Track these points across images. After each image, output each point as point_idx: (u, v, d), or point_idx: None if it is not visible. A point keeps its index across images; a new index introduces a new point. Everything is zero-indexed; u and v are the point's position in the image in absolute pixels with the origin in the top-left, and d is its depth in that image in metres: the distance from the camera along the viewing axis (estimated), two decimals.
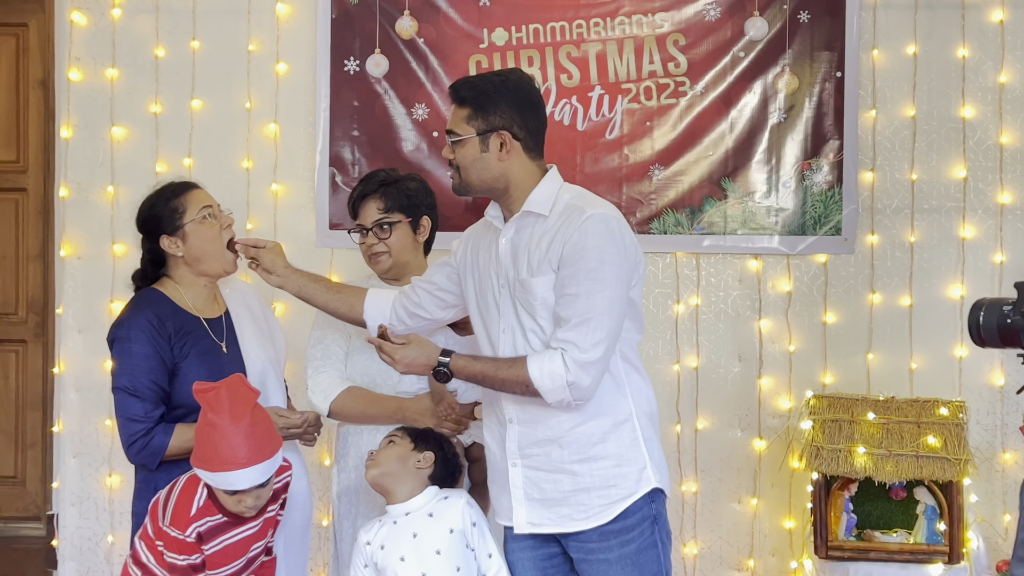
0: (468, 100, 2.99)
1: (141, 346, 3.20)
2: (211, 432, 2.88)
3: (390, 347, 3.03)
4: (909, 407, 4.04)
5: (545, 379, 2.87)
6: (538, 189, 3.01)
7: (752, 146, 4.61)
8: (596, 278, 2.87)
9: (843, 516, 4.02)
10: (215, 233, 3.31)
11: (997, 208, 4.55)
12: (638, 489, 2.98)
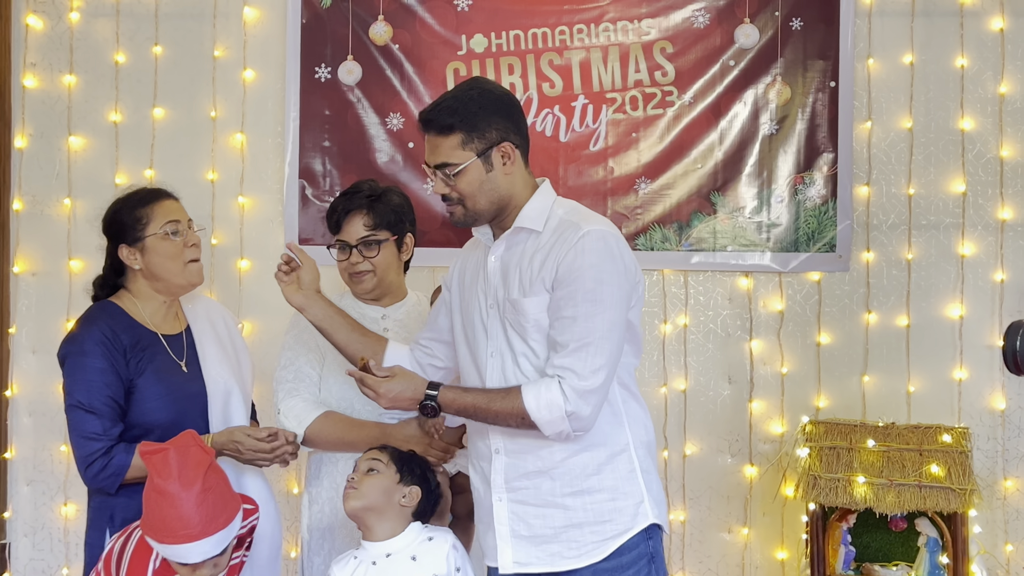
0: (456, 125, 2.75)
1: (96, 360, 2.98)
2: (159, 500, 2.63)
3: (373, 380, 2.81)
4: (910, 434, 3.84)
5: (543, 410, 2.68)
6: (531, 203, 2.82)
7: (742, 159, 4.41)
8: (594, 299, 2.68)
9: (841, 549, 3.82)
10: (176, 251, 3.09)
11: (998, 224, 4.37)
12: (634, 524, 2.78)
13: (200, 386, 3.14)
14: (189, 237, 3.12)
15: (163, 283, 3.12)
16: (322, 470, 3.26)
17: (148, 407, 3.02)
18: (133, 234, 3.08)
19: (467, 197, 2.79)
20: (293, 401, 3.20)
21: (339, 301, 3.30)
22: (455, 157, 2.76)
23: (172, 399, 3.05)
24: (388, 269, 3.32)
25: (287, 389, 3.24)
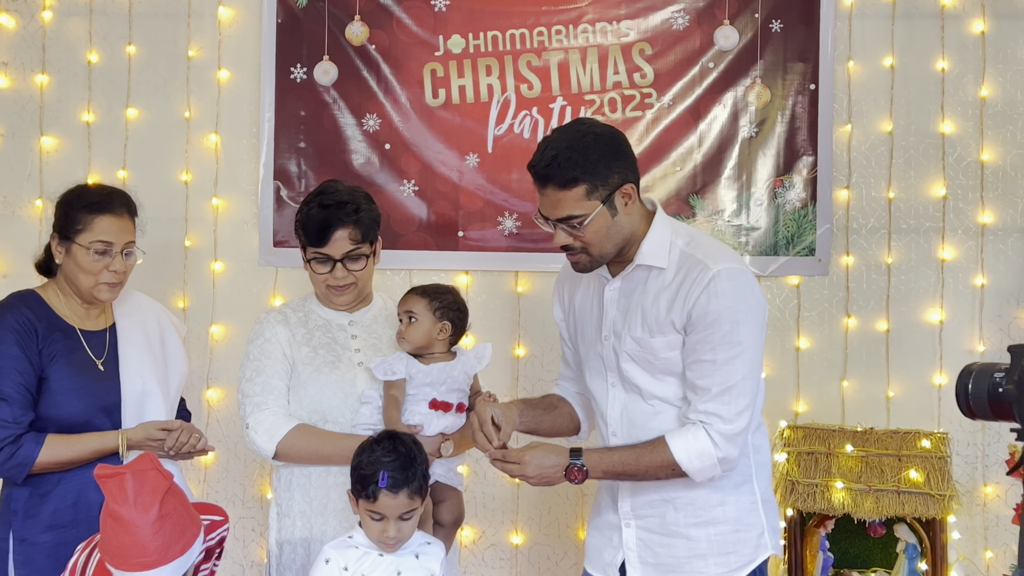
0: (580, 178, 2.68)
1: (9, 348, 2.97)
2: (114, 525, 2.56)
3: (515, 455, 2.78)
4: (889, 439, 3.80)
5: (694, 460, 2.72)
6: (650, 238, 2.79)
7: (722, 162, 4.38)
8: (732, 342, 2.68)
9: (819, 555, 3.78)
10: (94, 269, 3.05)
11: (978, 228, 4.34)
12: (756, 556, 2.87)
13: (115, 385, 3.10)
14: (113, 263, 3.05)
15: (72, 287, 3.09)
16: (293, 485, 3.16)
17: (57, 401, 3.00)
18: (66, 232, 3.07)
19: (593, 245, 2.75)
20: (262, 415, 3.09)
21: (302, 306, 3.27)
22: (581, 208, 2.70)
23: (81, 395, 3.02)
24: (368, 280, 3.27)
25: (255, 403, 3.12)
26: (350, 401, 3.12)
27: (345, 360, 3.18)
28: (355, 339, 3.23)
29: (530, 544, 4.38)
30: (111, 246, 3.03)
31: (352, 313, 3.27)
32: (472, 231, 4.43)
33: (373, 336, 3.25)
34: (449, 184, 4.42)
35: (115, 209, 3.07)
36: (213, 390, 4.42)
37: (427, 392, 3.09)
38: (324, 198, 3.15)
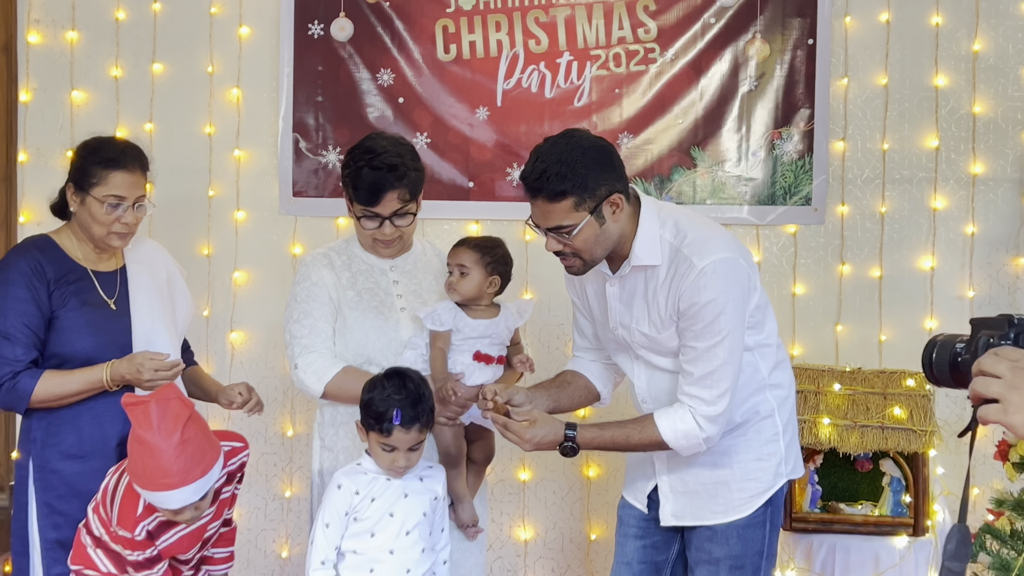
0: (568, 191, 2.81)
1: (18, 289, 3.14)
2: (140, 450, 2.79)
3: (517, 427, 2.98)
4: (876, 378, 3.99)
5: (680, 440, 2.94)
6: (640, 238, 2.93)
7: (722, 114, 4.54)
8: (714, 331, 2.87)
9: (808, 488, 3.98)
10: (106, 220, 3.19)
11: (969, 178, 4.50)
12: (775, 483, 3.09)
13: (126, 323, 3.26)
14: (125, 216, 3.19)
15: (86, 234, 3.25)
16: (338, 419, 3.32)
17: (69, 338, 3.16)
18: (81, 183, 3.21)
19: (583, 252, 2.90)
20: (311, 357, 3.24)
21: (345, 249, 3.41)
22: (569, 219, 2.84)
23: (93, 332, 3.19)
24: (412, 232, 3.41)
25: (304, 344, 3.26)
26: (394, 345, 3.27)
27: (388, 305, 3.33)
28: (397, 284, 3.37)
29: (537, 480, 4.60)
30: (123, 200, 3.17)
31: (394, 260, 3.41)
32: (482, 182, 4.62)
33: (414, 282, 3.40)
34: (460, 136, 4.61)
35: (128, 165, 3.20)
36: (236, 333, 4.65)
37: (471, 344, 3.25)
38: (375, 159, 3.23)
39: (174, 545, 2.96)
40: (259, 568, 4.68)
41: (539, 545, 4.64)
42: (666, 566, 3.20)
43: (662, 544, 3.20)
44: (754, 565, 3.07)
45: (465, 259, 3.25)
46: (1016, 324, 1.79)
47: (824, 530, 3.90)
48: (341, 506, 2.96)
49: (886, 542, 3.87)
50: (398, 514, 2.97)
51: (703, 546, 3.08)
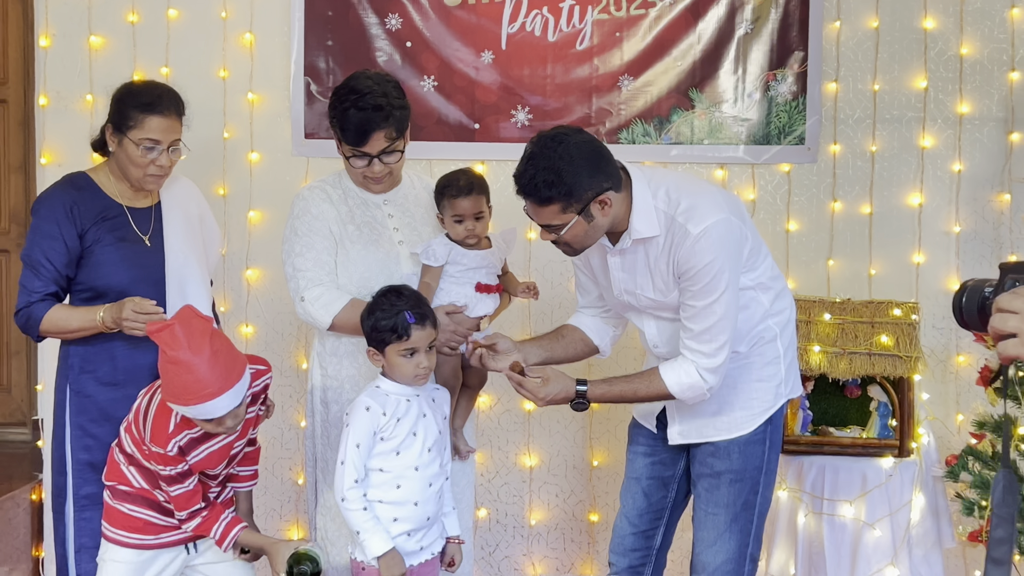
0: (555, 197, 2.96)
1: (49, 226, 3.34)
2: (175, 369, 2.95)
3: (532, 384, 3.19)
4: (864, 308, 4.19)
5: (686, 391, 3.15)
6: (636, 213, 3.08)
7: (719, 57, 4.70)
8: (711, 290, 3.05)
9: (799, 412, 4.18)
10: (142, 162, 3.35)
11: (956, 118, 4.67)
12: (775, 403, 3.30)
13: (160, 258, 3.44)
14: (160, 158, 3.35)
15: (123, 174, 3.42)
16: (341, 350, 3.46)
17: (104, 271, 3.34)
18: (119, 126, 3.36)
19: (575, 243, 3.08)
20: (318, 290, 3.36)
21: (339, 183, 3.54)
22: (558, 220, 3.00)
23: (128, 266, 3.37)
24: (401, 167, 3.53)
25: (308, 278, 3.37)
26: (394, 278, 3.38)
27: (387, 239, 3.47)
28: (392, 218, 3.51)
29: (541, 410, 4.80)
30: (158, 143, 3.33)
31: (386, 194, 3.54)
32: (488, 124, 4.78)
33: (407, 215, 3.54)
34: (466, 79, 4.77)
35: (164, 110, 3.35)
36: (252, 270, 4.83)
37: (471, 275, 3.42)
38: (360, 100, 3.32)
39: (203, 460, 3.15)
40: (276, 494, 4.90)
41: (543, 472, 4.85)
42: (672, 481, 3.44)
43: (669, 461, 3.43)
44: (753, 479, 3.28)
45: (477, 205, 3.39)
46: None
47: (814, 452, 4.11)
48: (370, 427, 3.10)
49: (873, 463, 4.08)
50: (420, 433, 3.15)
51: (706, 460, 3.30)
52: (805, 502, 4.07)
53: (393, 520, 3.12)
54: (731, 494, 3.28)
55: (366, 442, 3.11)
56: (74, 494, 3.39)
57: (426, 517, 3.17)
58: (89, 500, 3.37)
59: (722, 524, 3.28)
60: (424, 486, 3.16)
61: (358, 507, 3.09)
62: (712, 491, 3.29)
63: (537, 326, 4.70)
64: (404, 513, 3.13)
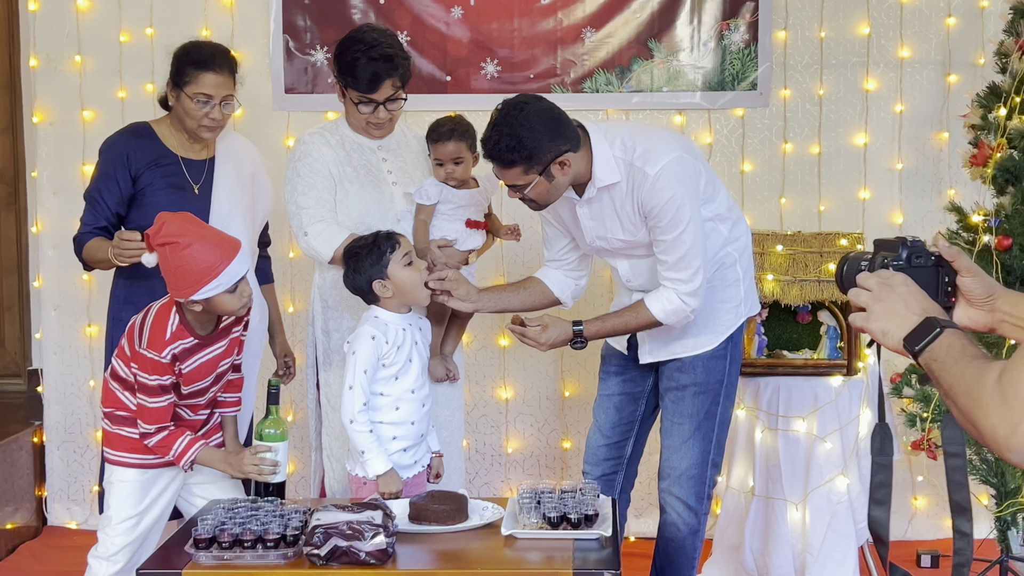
0: (517, 160, 3.26)
1: (107, 167, 3.74)
2: (186, 251, 3.13)
3: (533, 333, 3.49)
4: (813, 239, 4.50)
5: (672, 317, 3.45)
6: (597, 162, 3.37)
7: (676, 8, 4.98)
8: (676, 223, 3.35)
9: (755, 338, 4.50)
10: (197, 115, 3.68)
11: (897, 62, 4.98)
12: (736, 322, 3.63)
13: (206, 206, 3.75)
14: (213, 111, 3.68)
15: (181, 126, 3.74)
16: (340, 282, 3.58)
17: (151, 213, 3.54)
18: (177, 81, 3.71)
19: (539, 200, 3.39)
20: (320, 225, 3.60)
21: (335, 130, 3.79)
22: (521, 181, 3.32)
23: (174, 210, 3.59)
24: (399, 115, 3.81)
25: (311, 214, 3.62)
26: (390, 215, 3.70)
27: (382, 179, 3.75)
28: (386, 161, 3.79)
29: (515, 345, 5.09)
30: (211, 98, 3.66)
31: (380, 140, 3.81)
32: (458, 75, 5.06)
33: (400, 159, 3.82)
34: (437, 34, 5.03)
35: (216, 67, 3.67)
36: None
37: (462, 213, 3.70)
38: (371, 50, 3.59)
39: (193, 371, 3.31)
40: None
41: (519, 403, 5.16)
42: (642, 396, 3.76)
43: (639, 378, 3.75)
44: (715, 391, 3.61)
45: (461, 152, 3.67)
46: (909, 245, 2.02)
47: (769, 373, 4.43)
48: (375, 354, 3.35)
49: (823, 382, 4.41)
50: (415, 359, 3.44)
51: (672, 375, 3.63)
52: (761, 419, 4.40)
53: (392, 439, 3.40)
54: (695, 405, 3.60)
55: (372, 368, 3.36)
56: None
57: (420, 434, 3.48)
58: None
59: (687, 432, 3.61)
60: (419, 407, 3.45)
61: (365, 429, 3.33)
62: (678, 402, 3.62)
63: (512, 268, 5.00)
64: (402, 432, 3.42)
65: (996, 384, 1.59)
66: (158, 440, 3.28)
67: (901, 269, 1.98)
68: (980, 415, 1.60)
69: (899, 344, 1.84)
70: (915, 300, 1.88)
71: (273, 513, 2.90)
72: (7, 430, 5.18)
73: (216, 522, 2.85)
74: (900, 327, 1.84)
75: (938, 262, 2.02)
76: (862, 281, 1.94)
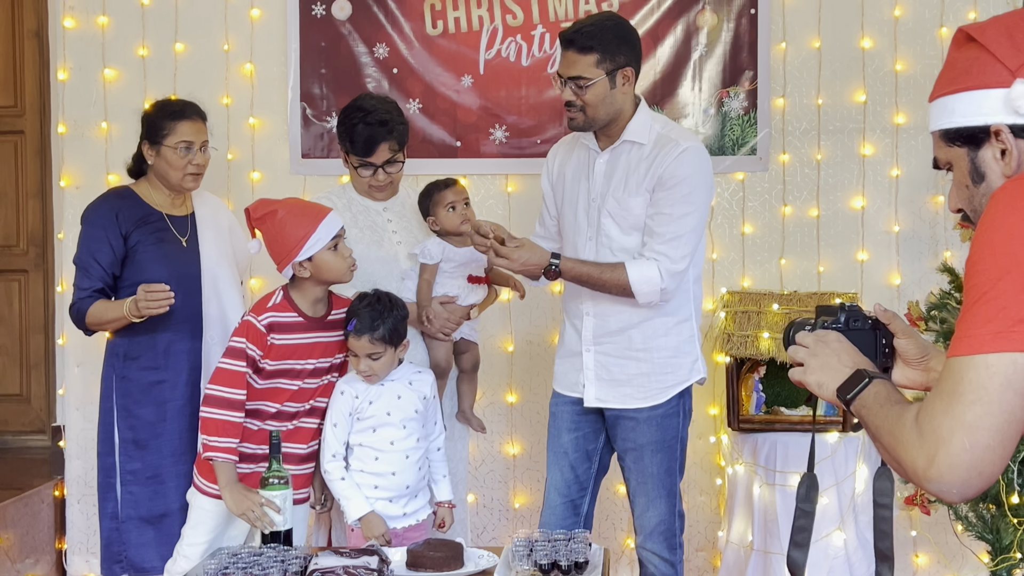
0: (595, 47, 3.44)
1: (96, 230, 3.83)
2: (280, 217, 3.40)
3: (507, 250, 3.51)
4: (809, 299, 4.64)
5: (642, 284, 3.48)
6: (636, 119, 3.54)
7: (677, 77, 5.16)
8: (688, 202, 3.46)
9: (753, 395, 4.62)
10: (180, 164, 3.85)
11: (893, 128, 5.13)
12: (690, 378, 3.69)
13: (195, 257, 3.92)
14: (195, 157, 3.87)
15: (164, 182, 3.90)
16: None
17: (145, 268, 3.81)
18: (154, 137, 3.87)
19: (589, 106, 3.51)
20: None
21: (343, 194, 3.99)
22: (589, 72, 3.47)
23: (167, 263, 3.84)
24: (400, 177, 4.00)
25: None
26: (394, 274, 3.88)
27: (387, 240, 3.94)
28: (391, 223, 3.98)
29: (523, 402, 5.22)
30: (192, 144, 3.84)
31: (385, 202, 4.00)
32: (468, 141, 5.25)
33: (405, 220, 4.01)
34: (448, 102, 5.23)
35: (191, 115, 3.89)
36: (255, 279, 5.26)
37: (463, 270, 3.86)
38: (368, 116, 3.79)
39: (287, 348, 3.46)
40: None
41: (526, 459, 5.28)
42: (595, 453, 3.82)
43: (591, 436, 3.81)
44: (671, 448, 3.69)
45: (464, 194, 3.87)
46: (847, 310, 2.18)
47: (767, 429, 4.55)
48: (345, 408, 3.53)
49: (820, 438, 4.50)
50: (394, 413, 3.54)
51: (628, 436, 3.69)
52: (760, 475, 4.50)
53: (374, 487, 3.53)
54: (654, 464, 3.66)
55: (342, 422, 3.52)
56: (120, 469, 3.81)
57: (405, 486, 3.56)
58: (133, 475, 3.81)
59: (652, 491, 3.69)
60: (401, 458, 3.55)
61: (336, 478, 3.51)
62: (638, 462, 3.69)
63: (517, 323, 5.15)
64: (383, 482, 3.54)
65: (914, 422, 1.73)
66: (210, 415, 3.36)
67: (840, 332, 2.11)
68: (901, 451, 1.75)
69: (833, 394, 1.99)
70: (847, 355, 2.03)
71: (274, 559, 3.03)
72: (30, 483, 5.33)
73: (220, 566, 2.99)
74: (833, 379, 1.99)
75: (875, 325, 2.18)
76: (800, 339, 2.10)
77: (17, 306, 5.92)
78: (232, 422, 3.39)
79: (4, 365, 5.90)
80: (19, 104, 5.81)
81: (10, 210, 5.85)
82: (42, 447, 5.83)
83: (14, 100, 5.82)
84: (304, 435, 3.58)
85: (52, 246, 5.68)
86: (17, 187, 5.86)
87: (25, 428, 5.95)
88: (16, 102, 5.82)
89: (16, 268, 5.89)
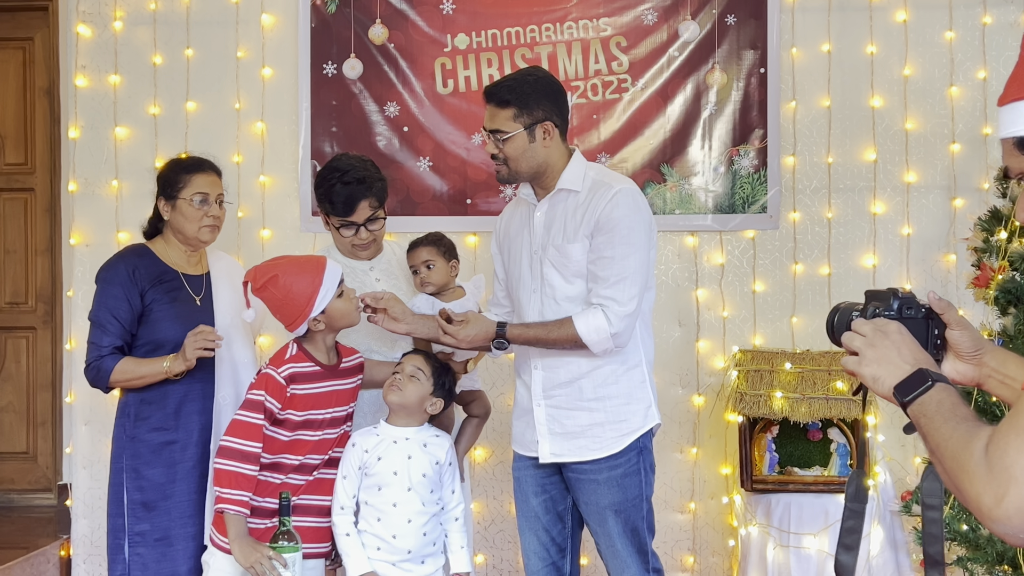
0: (512, 101, 3.45)
1: (114, 288, 3.75)
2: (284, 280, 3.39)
3: (454, 329, 3.48)
4: (821, 357, 4.61)
5: (592, 333, 3.41)
6: (569, 168, 3.53)
7: (687, 135, 5.18)
8: (628, 243, 3.41)
9: (766, 455, 4.58)
10: (197, 216, 3.81)
11: (904, 186, 5.13)
12: (644, 424, 3.56)
13: (210, 315, 3.86)
14: (211, 209, 3.83)
15: (181, 236, 3.88)
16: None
17: (161, 326, 3.74)
18: (170, 192, 3.83)
19: (511, 159, 3.50)
20: None
21: (327, 254, 3.90)
22: (506, 127, 3.47)
23: (183, 321, 3.77)
24: (383, 234, 3.95)
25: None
26: (387, 334, 3.78)
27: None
28: (378, 281, 3.91)
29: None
30: (208, 196, 3.81)
31: (371, 260, 3.95)
32: (478, 199, 5.25)
33: (392, 277, 3.96)
34: (458, 160, 5.25)
35: (207, 169, 3.87)
36: (264, 336, 5.24)
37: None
38: (345, 176, 3.75)
39: (309, 398, 3.44)
40: None
41: None
42: (567, 513, 3.70)
43: (559, 497, 3.69)
44: (636, 506, 3.56)
45: (427, 255, 3.83)
46: (900, 297, 2.04)
47: (781, 490, 4.50)
48: (354, 461, 3.47)
49: (834, 498, 4.47)
50: (401, 473, 3.47)
51: (590, 499, 3.57)
52: (773, 536, 4.45)
53: (376, 549, 3.47)
54: (619, 524, 3.56)
55: (352, 474, 3.47)
56: (129, 531, 3.77)
57: (406, 551, 3.47)
58: (142, 537, 3.75)
59: (621, 551, 3.58)
60: (403, 522, 3.47)
61: (342, 532, 3.46)
62: (603, 524, 3.58)
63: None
64: (384, 545, 3.47)
65: (983, 453, 1.59)
66: (225, 466, 3.34)
67: (892, 319, 1.98)
68: (966, 481, 1.61)
69: (889, 391, 1.84)
70: (908, 349, 1.88)
71: None
72: (36, 543, 5.28)
73: None
74: (892, 375, 1.85)
75: (928, 314, 2.04)
76: (857, 326, 1.96)
77: (25, 363, 5.90)
78: (246, 475, 3.36)
79: (11, 422, 5.87)
80: (30, 162, 5.84)
81: (19, 267, 5.86)
82: (48, 506, 5.79)
83: (25, 158, 5.84)
84: (325, 487, 3.55)
85: (61, 303, 5.68)
86: (26, 244, 5.88)
87: (31, 486, 5.91)
88: (27, 160, 5.84)
89: (24, 325, 5.88)
